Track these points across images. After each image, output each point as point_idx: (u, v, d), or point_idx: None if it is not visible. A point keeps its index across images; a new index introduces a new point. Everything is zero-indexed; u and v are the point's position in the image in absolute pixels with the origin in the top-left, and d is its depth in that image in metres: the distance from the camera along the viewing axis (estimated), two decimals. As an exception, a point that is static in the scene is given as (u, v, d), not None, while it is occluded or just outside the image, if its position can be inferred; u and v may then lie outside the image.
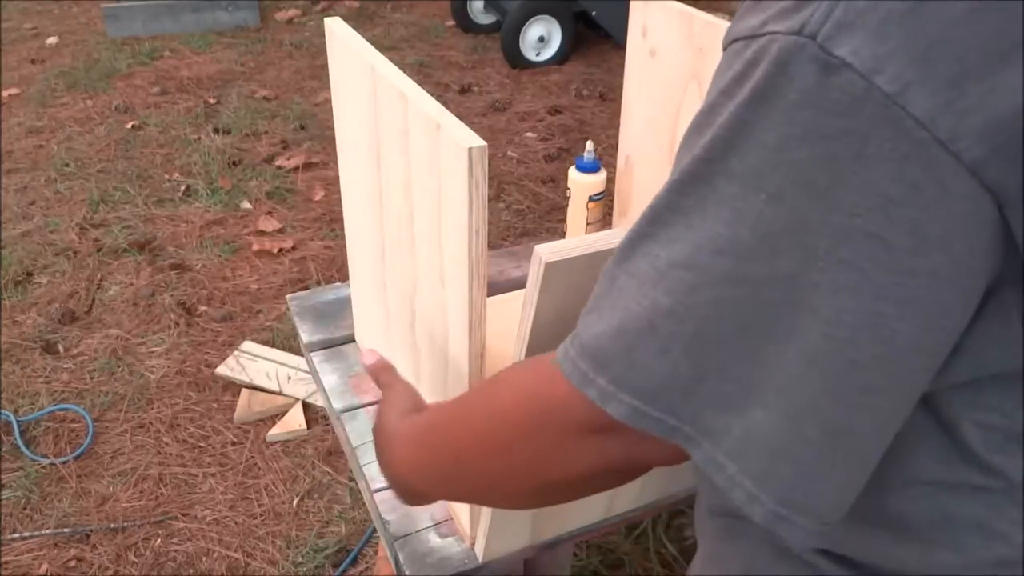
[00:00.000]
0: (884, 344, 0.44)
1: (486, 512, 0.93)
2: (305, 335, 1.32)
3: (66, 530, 1.81)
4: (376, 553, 1.71)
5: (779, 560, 0.63)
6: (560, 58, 4.19)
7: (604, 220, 1.42)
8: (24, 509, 1.86)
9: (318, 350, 1.30)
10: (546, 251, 0.68)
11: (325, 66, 3.89)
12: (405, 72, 0.88)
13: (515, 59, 4.12)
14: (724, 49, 0.48)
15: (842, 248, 0.42)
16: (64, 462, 1.97)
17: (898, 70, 0.39)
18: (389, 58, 0.93)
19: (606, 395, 0.49)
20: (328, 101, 3.60)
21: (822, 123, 0.41)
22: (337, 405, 1.20)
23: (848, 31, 0.40)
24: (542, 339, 0.75)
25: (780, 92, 0.42)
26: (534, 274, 0.69)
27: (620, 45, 4.16)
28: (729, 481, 0.48)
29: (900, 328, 0.43)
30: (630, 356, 0.48)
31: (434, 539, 1.00)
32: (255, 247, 2.75)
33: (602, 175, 1.39)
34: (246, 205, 2.99)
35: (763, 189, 0.43)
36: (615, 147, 1.92)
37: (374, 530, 1.79)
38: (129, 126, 3.53)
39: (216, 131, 3.48)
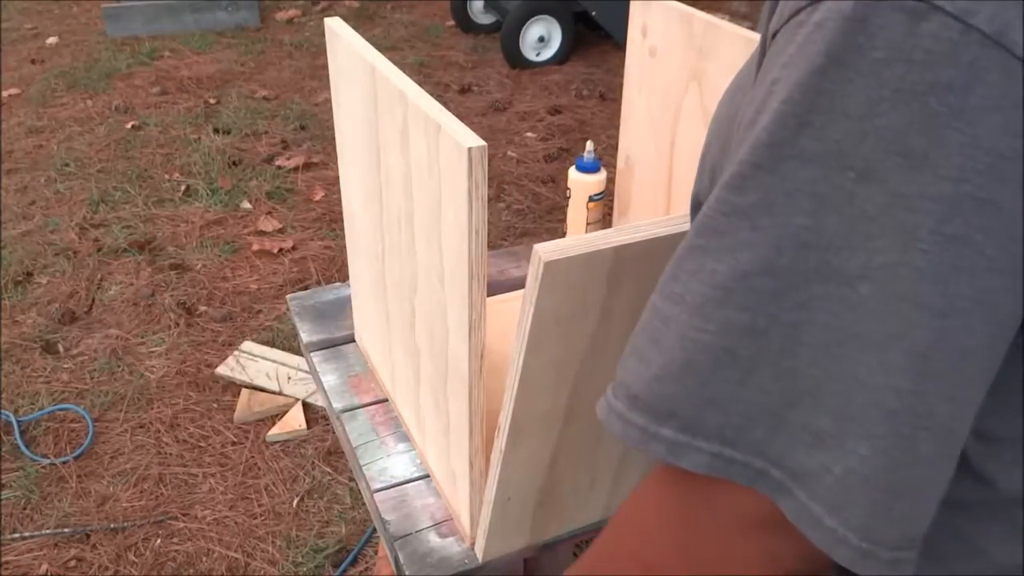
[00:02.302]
0: (993, 323, 0.39)
1: (486, 512, 0.93)
2: (305, 335, 1.32)
3: (66, 530, 1.80)
4: (376, 553, 1.71)
5: None
6: (560, 58, 4.19)
7: (604, 220, 1.42)
8: (24, 509, 1.86)
9: (318, 350, 1.30)
10: (545, 250, 0.68)
11: (325, 66, 3.89)
12: (405, 72, 0.88)
13: (515, 59, 4.12)
14: (774, 36, 0.43)
15: (950, 223, 0.37)
16: (64, 462, 1.97)
17: (994, 9, 0.36)
18: (389, 58, 0.92)
19: (677, 447, 0.43)
20: (328, 101, 3.60)
21: (914, 78, 0.36)
22: (337, 405, 1.20)
23: None
24: (542, 339, 0.75)
25: (860, 51, 0.37)
26: (533, 273, 0.69)
27: (620, 45, 4.16)
28: (829, 537, 0.41)
29: (1004, 301, 0.39)
30: (705, 392, 0.42)
31: (434, 539, 1.00)
32: (255, 247, 2.74)
33: (602, 175, 1.39)
34: (246, 205, 2.99)
35: (850, 166, 0.38)
36: (615, 147, 1.92)
37: (374, 530, 1.79)
38: (129, 126, 3.53)
39: (216, 131, 3.48)
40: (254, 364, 2.23)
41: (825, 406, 0.40)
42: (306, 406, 2.12)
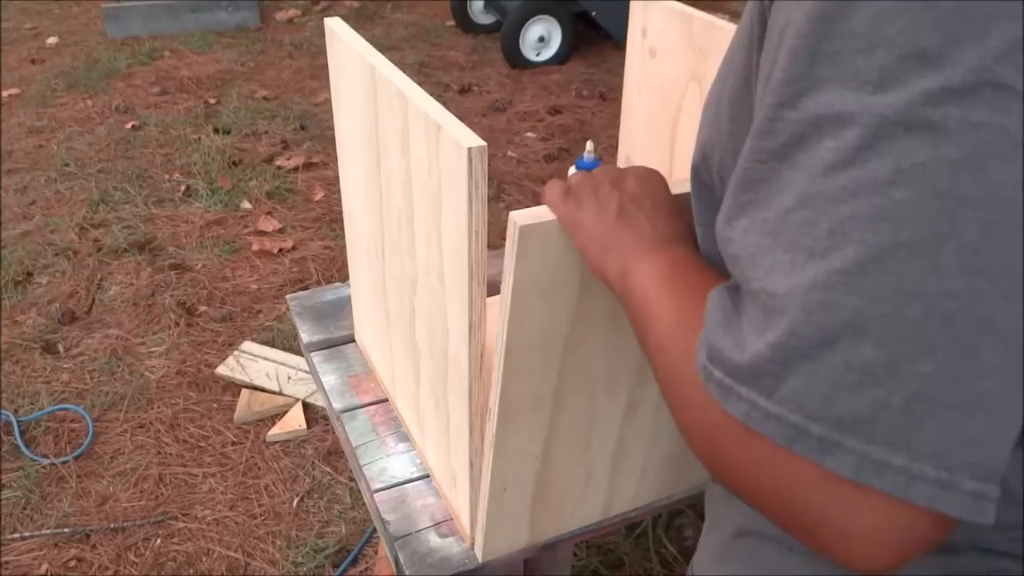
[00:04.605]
0: None
1: (483, 504, 0.93)
2: (305, 335, 1.32)
3: (66, 530, 1.80)
4: (376, 553, 1.71)
5: None
6: (560, 58, 4.19)
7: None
8: (24, 509, 1.86)
9: (318, 350, 1.30)
10: (521, 216, 0.69)
11: (325, 66, 3.89)
12: (405, 72, 0.88)
13: (515, 59, 4.12)
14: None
15: (975, 110, 0.37)
16: (64, 462, 1.97)
17: None
18: (389, 58, 0.93)
19: (724, 390, 0.44)
20: (328, 101, 3.60)
21: None
22: (337, 405, 1.20)
23: None
24: (524, 311, 0.75)
25: None
26: (510, 241, 0.70)
27: (620, 45, 4.16)
28: (902, 478, 0.38)
29: None
30: (743, 337, 0.43)
31: (434, 539, 1.00)
32: (255, 247, 2.74)
33: (602, 175, 1.39)
34: (246, 205, 2.99)
35: (867, 80, 0.39)
36: (615, 147, 1.92)
37: (374, 530, 1.79)
38: (129, 126, 3.53)
39: (216, 131, 3.48)
40: (254, 364, 2.23)
41: (869, 335, 0.38)
42: (306, 406, 2.12)
